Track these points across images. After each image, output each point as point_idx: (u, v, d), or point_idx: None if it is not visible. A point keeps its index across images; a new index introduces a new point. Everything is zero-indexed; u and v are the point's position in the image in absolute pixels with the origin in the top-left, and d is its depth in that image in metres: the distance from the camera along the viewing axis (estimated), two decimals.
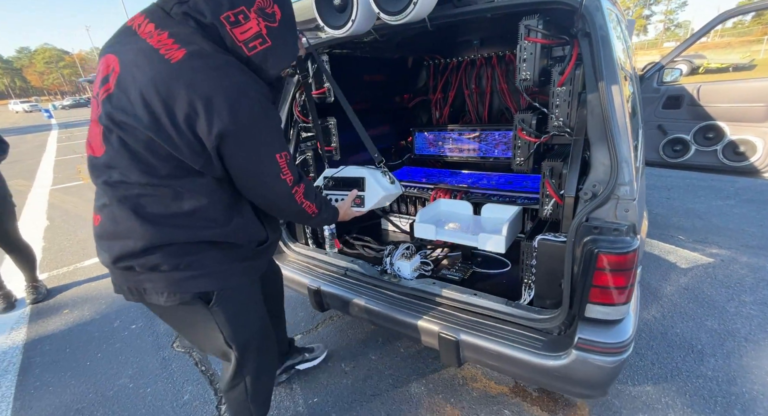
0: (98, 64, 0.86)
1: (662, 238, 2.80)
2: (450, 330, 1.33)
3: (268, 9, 0.85)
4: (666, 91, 3.04)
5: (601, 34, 1.09)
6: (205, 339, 1.10)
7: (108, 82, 0.81)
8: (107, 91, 0.81)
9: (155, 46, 0.78)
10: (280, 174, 0.92)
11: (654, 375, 1.60)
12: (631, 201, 1.04)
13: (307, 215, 1.06)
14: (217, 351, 1.13)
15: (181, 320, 1.06)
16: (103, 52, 0.86)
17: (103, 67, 0.83)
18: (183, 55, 0.76)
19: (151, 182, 0.83)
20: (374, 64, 2.36)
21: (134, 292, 0.95)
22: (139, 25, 0.83)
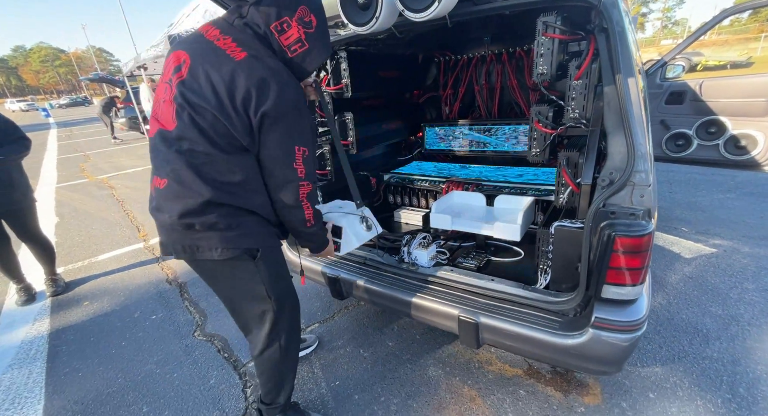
0: (168, 56, 1.05)
1: (666, 230, 2.88)
2: (469, 313, 1.40)
3: (306, 18, 1.04)
4: (669, 87, 3.11)
5: (618, 29, 1.15)
6: (247, 294, 1.20)
7: (180, 71, 0.99)
8: (180, 77, 0.98)
9: (222, 47, 0.98)
10: (293, 163, 1.05)
11: (662, 357, 1.68)
12: (647, 187, 1.11)
13: (302, 219, 1.14)
14: (254, 309, 1.22)
15: (228, 275, 1.16)
16: (173, 48, 1.06)
17: (174, 59, 1.02)
18: (245, 56, 0.96)
19: (212, 152, 0.99)
20: (387, 60, 2.41)
21: (187, 250, 1.07)
22: (207, 31, 1.03)
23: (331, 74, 1.93)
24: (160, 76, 1.08)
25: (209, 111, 0.96)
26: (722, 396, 1.46)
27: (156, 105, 1.06)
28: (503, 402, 1.52)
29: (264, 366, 1.31)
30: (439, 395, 1.58)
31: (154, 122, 1.05)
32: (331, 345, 1.94)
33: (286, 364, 1.33)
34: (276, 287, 1.23)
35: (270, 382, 1.34)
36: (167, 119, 1.00)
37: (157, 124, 1.04)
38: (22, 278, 2.55)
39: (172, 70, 1.01)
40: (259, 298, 1.21)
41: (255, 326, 1.27)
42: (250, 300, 1.22)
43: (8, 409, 1.66)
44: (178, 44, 1.05)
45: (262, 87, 0.95)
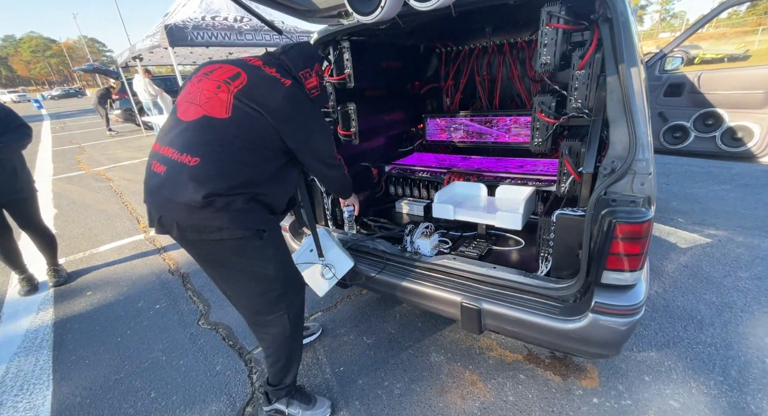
0: (210, 65, 1.25)
1: (662, 221, 2.92)
2: (472, 299, 1.43)
3: (320, 71, 1.36)
4: (668, 79, 3.12)
5: (622, 19, 1.17)
6: (254, 274, 1.26)
7: (239, 79, 1.18)
8: (241, 83, 1.17)
9: (270, 73, 1.22)
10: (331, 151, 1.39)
11: (657, 342, 1.73)
12: (647, 175, 1.13)
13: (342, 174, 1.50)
14: (262, 289, 1.28)
15: (238, 254, 1.20)
16: (217, 62, 1.26)
17: (224, 69, 1.21)
18: (290, 83, 1.22)
19: (253, 146, 1.15)
20: (389, 51, 2.40)
21: (196, 229, 1.12)
22: (249, 60, 1.27)
23: (334, 64, 1.92)
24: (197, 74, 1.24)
25: (263, 114, 1.14)
26: (715, 378, 1.52)
27: (196, 93, 1.17)
28: (503, 386, 1.56)
29: (273, 346, 1.36)
30: (441, 379, 1.63)
31: (194, 107, 1.15)
32: (334, 332, 1.98)
33: (294, 343, 1.39)
34: (282, 266, 1.32)
35: (279, 362, 1.38)
36: (219, 108, 1.13)
37: (200, 109, 1.14)
38: (25, 268, 2.55)
39: (226, 76, 1.18)
40: (267, 278, 1.27)
41: (263, 306, 1.31)
42: (258, 281, 1.26)
43: (17, 395, 1.69)
44: (223, 61, 1.26)
45: (296, 106, 1.20)
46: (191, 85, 1.21)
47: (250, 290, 1.29)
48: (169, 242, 3.23)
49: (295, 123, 1.22)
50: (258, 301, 1.30)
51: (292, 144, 1.23)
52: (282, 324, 1.32)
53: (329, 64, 1.96)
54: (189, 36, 5.88)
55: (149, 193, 1.15)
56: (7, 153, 2.20)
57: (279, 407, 1.46)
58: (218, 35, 6.26)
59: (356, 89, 2.00)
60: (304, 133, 1.25)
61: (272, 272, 1.27)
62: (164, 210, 1.12)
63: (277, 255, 1.30)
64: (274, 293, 1.30)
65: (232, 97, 1.14)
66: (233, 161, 1.11)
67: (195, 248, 1.21)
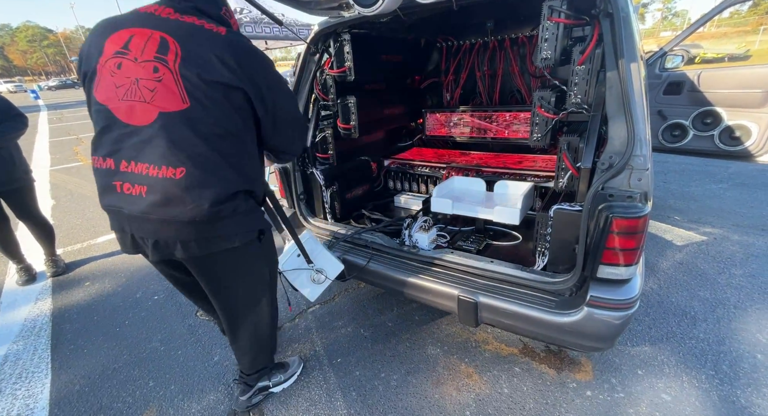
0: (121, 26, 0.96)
1: (659, 218, 2.94)
2: (469, 293, 1.44)
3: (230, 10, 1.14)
4: (667, 78, 3.13)
5: (623, 14, 1.17)
6: (253, 280, 1.24)
7: (170, 49, 0.93)
8: (177, 56, 0.93)
9: (198, 24, 0.98)
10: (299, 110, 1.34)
11: (651, 337, 1.75)
12: (644, 171, 1.14)
13: None
14: (256, 293, 1.27)
15: (240, 263, 1.17)
16: (129, 23, 0.97)
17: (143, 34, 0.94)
18: (226, 31, 1.00)
19: (225, 131, 0.99)
20: (390, 44, 2.40)
21: (204, 245, 1.04)
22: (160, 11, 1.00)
23: (335, 57, 1.92)
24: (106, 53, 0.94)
25: (225, 84, 0.95)
26: (706, 372, 1.54)
27: (129, 85, 0.93)
28: (499, 379, 1.58)
29: (258, 343, 1.38)
30: (437, 371, 1.64)
31: (140, 105, 0.92)
32: (332, 325, 1.99)
33: (274, 332, 1.47)
34: (274, 263, 1.31)
35: (262, 354, 1.44)
36: (172, 99, 0.92)
37: (150, 107, 0.92)
38: (22, 258, 2.55)
39: (153, 50, 0.93)
40: (263, 281, 1.26)
41: (258, 309, 1.30)
42: (258, 283, 1.25)
43: (16, 383, 1.70)
44: (129, 21, 0.97)
45: (255, 56, 1.02)
46: (109, 71, 0.93)
47: (250, 295, 1.27)
48: None
49: (262, 77, 1.02)
50: (254, 305, 1.29)
51: (267, 110, 1.05)
52: (267, 321, 1.34)
53: (330, 56, 1.95)
54: None
55: (131, 220, 0.99)
56: (4, 143, 2.18)
57: (261, 385, 1.51)
58: None
59: (356, 82, 1.99)
60: (277, 85, 1.07)
61: (268, 276, 1.27)
62: (161, 234, 1.00)
63: (272, 254, 1.30)
64: (267, 296, 1.30)
65: (180, 79, 0.92)
66: (219, 158, 0.98)
67: (201, 264, 1.11)
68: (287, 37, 7.49)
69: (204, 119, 0.95)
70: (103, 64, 0.94)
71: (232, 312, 1.29)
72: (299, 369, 1.66)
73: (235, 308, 1.27)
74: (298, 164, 2.00)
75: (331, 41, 1.91)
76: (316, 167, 2.02)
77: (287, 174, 2.00)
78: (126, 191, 0.96)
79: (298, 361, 1.69)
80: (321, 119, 2.09)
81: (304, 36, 2.23)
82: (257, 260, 1.23)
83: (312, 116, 2.05)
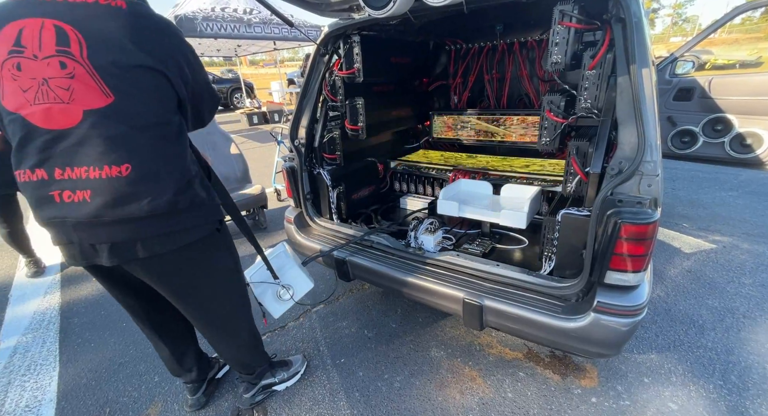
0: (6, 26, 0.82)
1: (667, 225, 2.91)
2: (474, 296, 1.44)
3: None
4: (678, 83, 3.10)
5: (635, 19, 1.17)
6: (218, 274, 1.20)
7: (71, 39, 0.83)
8: (82, 46, 0.83)
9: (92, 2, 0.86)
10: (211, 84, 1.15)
11: (658, 345, 1.73)
12: (655, 177, 1.13)
13: None
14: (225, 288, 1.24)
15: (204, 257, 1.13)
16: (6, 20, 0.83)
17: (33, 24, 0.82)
18: (125, 3, 0.90)
19: (159, 119, 0.94)
20: (398, 47, 2.40)
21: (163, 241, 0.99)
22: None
23: (344, 58, 1.93)
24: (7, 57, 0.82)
25: (145, 67, 0.88)
26: (714, 382, 1.52)
27: (37, 86, 0.83)
28: (503, 383, 1.58)
29: (244, 341, 1.39)
30: (441, 374, 1.64)
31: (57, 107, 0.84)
32: (336, 325, 2.00)
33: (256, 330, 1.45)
34: (237, 257, 1.28)
35: (252, 349, 1.45)
36: (93, 96, 0.85)
37: (70, 108, 0.84)
38: (32, 252, 2.59)
39: (52, 44, 0.82)
40: (230, 274, 1.25)
41: (224, 309, 1.27)
42: (222, 280, 1.22)
43: (24, 375, 1.73)
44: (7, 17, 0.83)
45: (167, 30, 0.95)
46: (10, 74, 0.82)
47: (220, 292, 1.22)
48: None
49: (180, 54, 0.96)
50: (226, 302, 1.26)
51: (187, 89, 0.99)
52: (246, 317, 1.35)
53: (339, 58, 1.96)
54: (198, 27, 5.90)
55: (78, 228, 0.91)
56: None
57: (265, 383, 1.52)
58: (227, 27, 6.28)
59: (365, 84, 2.00)
60: (194, 61, 1.02)
61: (232, 264, 1.25)
62: (117, 235, 0.93)
63: (232, 244, 1.27)
64: (237, 288, 1.29)
65: (95, 71, 0.84)
66: (163, 147, 0.94)
67: (163, 265, 1.04)
68: (296, 38, 7.53)
69: (134, 109, 0.89)
70: (0, 68, 0.82)
71: (204, 315, 1.24)
72: (303, 367, 1.67)
73: (206, 310, 1.22)
74: (305, 164, 2.01)
75: (340, 43, 1.92)
76: (323, 168, 2.03)
77: (294, 174, 2.02)
78: (67, 199, 0.88)
79: (302, 360, 1.70)
80: (329, 120, 2.10)
81: (313, 37, 2.25)
82: (220, 253, 1.18)
83: (320, 116, 2.06)
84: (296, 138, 2.00)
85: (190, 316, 1.25)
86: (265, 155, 6.32)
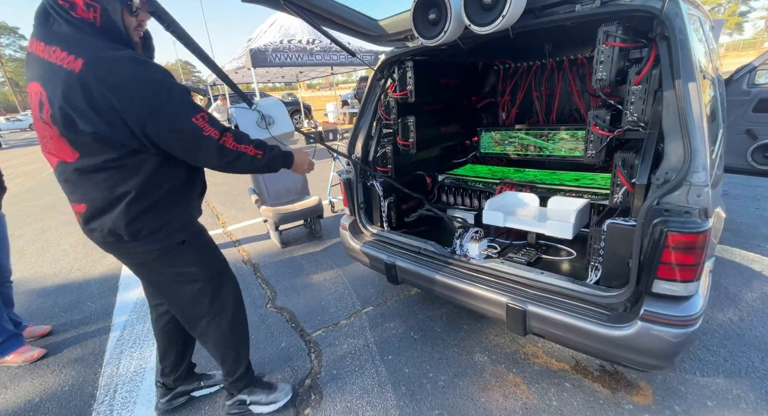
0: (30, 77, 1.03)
1: (746, 247, 2.65)
2: (517, 301, 1.50)
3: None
4: (758, 94, 2.88)
5: (680, 37, 1.21)
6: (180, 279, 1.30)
7: (44, 106, 1.00)
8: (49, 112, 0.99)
9: (57, 62, 0.95)
10: (203, 133, 1.07)
11: (726, 370, 1.61)
12: (704, 187, 1.14)
13: (251, 158, 1.20)
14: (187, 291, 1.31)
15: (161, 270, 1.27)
16: (29, 80, 1.04)
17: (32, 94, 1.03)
18: (81, 63, 0.93)
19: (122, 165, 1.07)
20: (448, 69, 2.58)
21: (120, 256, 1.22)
22: (36, 48, 1.00)
23: (398, 82, 2.15)
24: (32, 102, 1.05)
25: (99, 134, 0.99)
26: None
27: (42, 138, 1.08)
28: (547, 391, 1.58)
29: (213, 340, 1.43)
30: (484, 378, 1.69)
31: (47, 155, 1.10)
32: (384, 325, 2.14)
33: (235, 333, 1.46)
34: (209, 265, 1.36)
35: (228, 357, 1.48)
36: (65, 152, 1.05)
37: (54, 158, 1.09)
38: None
39: (37, 107, 1.02)
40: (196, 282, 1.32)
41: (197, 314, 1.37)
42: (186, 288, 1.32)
43: (132, 347, 2.10)
44: (30, 74, 1.03)
45: (119, 90, 0.95)
46: (35, 118, 1.06)
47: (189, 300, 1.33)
48: (243, 236, 3.69)
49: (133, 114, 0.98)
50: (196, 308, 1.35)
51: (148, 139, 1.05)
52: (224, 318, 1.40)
53: (393, 81, 2.19)
54: (268, 58, 6.67)
55: None
56: None
57: (241, 397, 1.54)
58: (292, 57, 7.01)
59: (416, 104, 2.20)
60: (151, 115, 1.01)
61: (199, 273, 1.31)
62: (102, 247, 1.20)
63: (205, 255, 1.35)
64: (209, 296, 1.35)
65: (60, 135, 1.01)
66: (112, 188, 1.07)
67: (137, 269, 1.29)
68: (352, 63, 8.11)
69: (86, 162, 1.04)
70: (34, 110, 1.05)
71: (178, 313, 1.39)
72: (286, 398, 1.59)
73: (178, 309, 1.37)
74: (360, 177, 2.23)
75: (395, 68, 2.15)
76: (376, 180, 2.24)
77: (350, 185, 2.24)
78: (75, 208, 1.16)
79: (289, 389, 1.63)
80: (382, 136, 2.32)
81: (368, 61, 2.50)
82: (181, 268, 1.27)
83: (374, 133, 2.29)
84: (353, 153, 2.24)
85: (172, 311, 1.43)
86: (321, 170, 6.79)
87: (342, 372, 1.80)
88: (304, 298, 2.49)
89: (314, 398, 1.66)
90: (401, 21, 1.86)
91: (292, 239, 3.52)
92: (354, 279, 2.66)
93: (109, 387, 1.81)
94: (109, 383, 1.84)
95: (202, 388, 1.71)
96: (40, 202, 5.78)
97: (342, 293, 2.51)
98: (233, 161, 1.17)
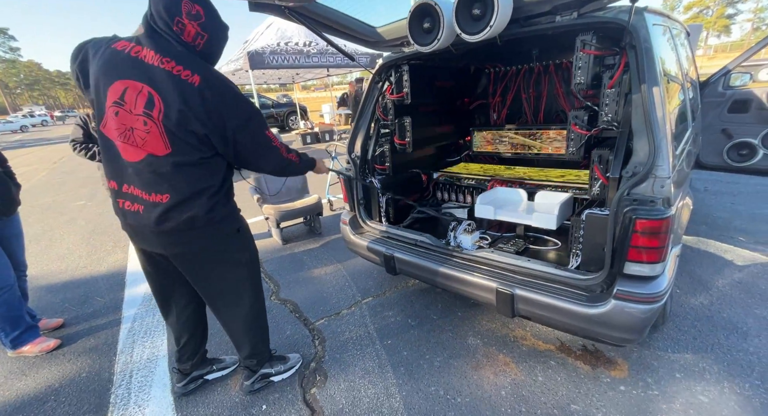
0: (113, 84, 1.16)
1: (720, 239, 2.83)
2: (506, 286, 1.64)
3: (192, 11, 1.17)
4: (732, 95, 3.06)
5: (645, 46, 1.37)
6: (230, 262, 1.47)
7: (155, 104, 1.15)
8: (160, 112, 1.16)
9: (175, 73, 1.15)
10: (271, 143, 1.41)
11: (694, 346, 1.77)
12: (666, 179, 1.30)
13: (295, 164, 1.52)
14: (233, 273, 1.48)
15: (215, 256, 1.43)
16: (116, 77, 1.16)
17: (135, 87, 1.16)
18: (199, 80, 1.16)
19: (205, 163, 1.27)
20: (442, 72, 2.73)
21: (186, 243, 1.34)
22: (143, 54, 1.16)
23: (395, 84, 2.29)
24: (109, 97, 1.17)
25: (197, 133, 1.20)
26: (751, 382, 1.55)
27: (125, 131, 1.18)
28: (534, 369, 1.73)
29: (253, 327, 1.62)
30: (476, 358, 1.83)
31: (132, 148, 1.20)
32: (383, 314, 2.27)
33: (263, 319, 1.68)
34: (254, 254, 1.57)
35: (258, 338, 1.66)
36: (158, 146, 1.19)
37: (140, 151, 1.20)
38: None
39: (141, 105, 1.15)
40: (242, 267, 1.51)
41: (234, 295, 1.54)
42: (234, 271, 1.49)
43: (143, 337, 2.21)
44: (122, 73, 1.16)
45: (228, 103, 1.22)
46: (111, 114, 1.18)
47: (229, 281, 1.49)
48: None
49: (231, 123, 1.23)
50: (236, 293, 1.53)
51: (227, 146, 1.29)
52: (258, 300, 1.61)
53: (390, 84, 2.33)
54: (266, 60, 6.78)
55: (133, 228, 1.32)
56: None
57: (264, 371, 1.72)
58: (289, 59, 7.12)
59: (412, 105, 2.34)
60: (242, 128, 1.27)
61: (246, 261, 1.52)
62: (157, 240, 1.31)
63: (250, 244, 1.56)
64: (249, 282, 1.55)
65: (164, 131, 1.17)
66: (194, 186, 1.24)
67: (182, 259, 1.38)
68: (348, 65, 8.25)
69: (182, 158, 1.21)
70: (108, 108, 1.18)
71: (217, 299, 1.51)
72: (298, 364, 1.86)
73: (218, 293, 1.49)
74: (359, 175, 2.36)
75: (392, 71, 2.29)
76: (375, 177, 2.37)
77: (350, 182, 2.38)
78: (126, 207, 1.27)
79: (298, 357, 1.88)
80: (380, 136, 2.45)
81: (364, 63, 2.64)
82: (234, 250, 1.45)
83: (373, 133, 2.42)
84: (353, 152, 2.37)
85: (206, 298, 1.52)
86: None
87: (345, 355, 1.93)
88: (306, 290, 2.62)
89: (319, 379, 1.79)
90: (398, 28, 2.00)
91: (292, 236, 3.64)
92: (353, 272, 2.79)
93: (125, 373, 1.92)
94: (125, 369, 1.95)
95: (215, 372, 1.84)
96: (39, 202, 5.82)
97: (342, 285, 2.64)
98: (286, 167, 1.48)
